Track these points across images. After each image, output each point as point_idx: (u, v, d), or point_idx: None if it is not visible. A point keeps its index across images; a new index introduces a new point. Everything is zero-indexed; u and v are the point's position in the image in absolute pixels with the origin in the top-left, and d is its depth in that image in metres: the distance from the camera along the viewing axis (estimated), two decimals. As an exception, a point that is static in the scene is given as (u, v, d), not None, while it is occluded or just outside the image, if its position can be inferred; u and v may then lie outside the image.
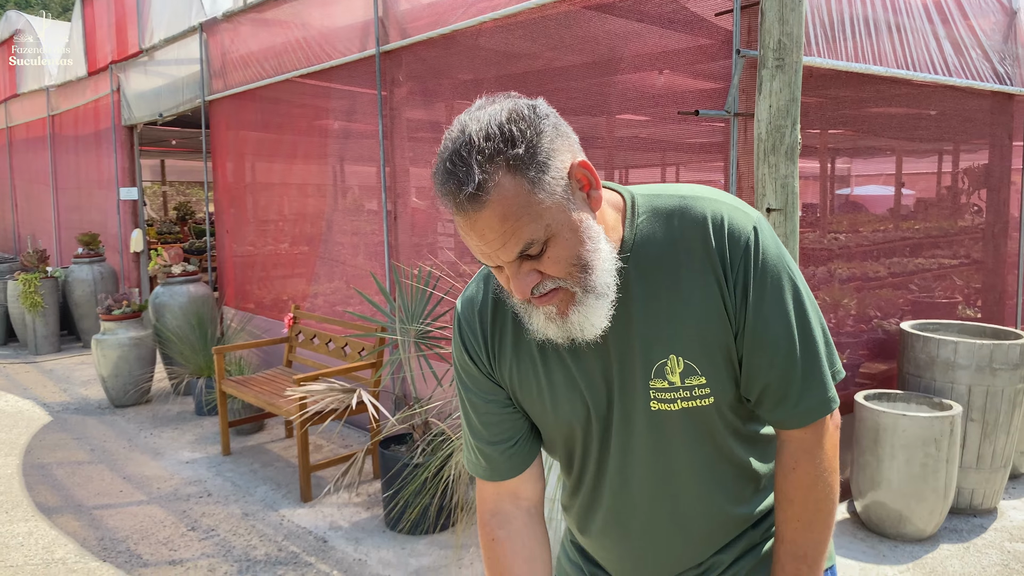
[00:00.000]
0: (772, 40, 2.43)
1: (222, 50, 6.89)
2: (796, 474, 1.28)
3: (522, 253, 1.13)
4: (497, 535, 1.41)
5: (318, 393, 4.17)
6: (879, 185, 5.80)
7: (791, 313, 1.22)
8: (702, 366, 1.23)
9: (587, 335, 1.21)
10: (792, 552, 1.29)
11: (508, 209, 1.09)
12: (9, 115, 12.55)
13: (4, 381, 7.50)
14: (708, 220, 1.22)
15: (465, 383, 1.41)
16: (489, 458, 1.40)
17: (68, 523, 4.22)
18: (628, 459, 1.31)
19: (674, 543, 1.36)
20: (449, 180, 1.10)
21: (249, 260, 7.14)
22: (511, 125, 1.10)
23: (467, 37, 4.48)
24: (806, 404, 1.24)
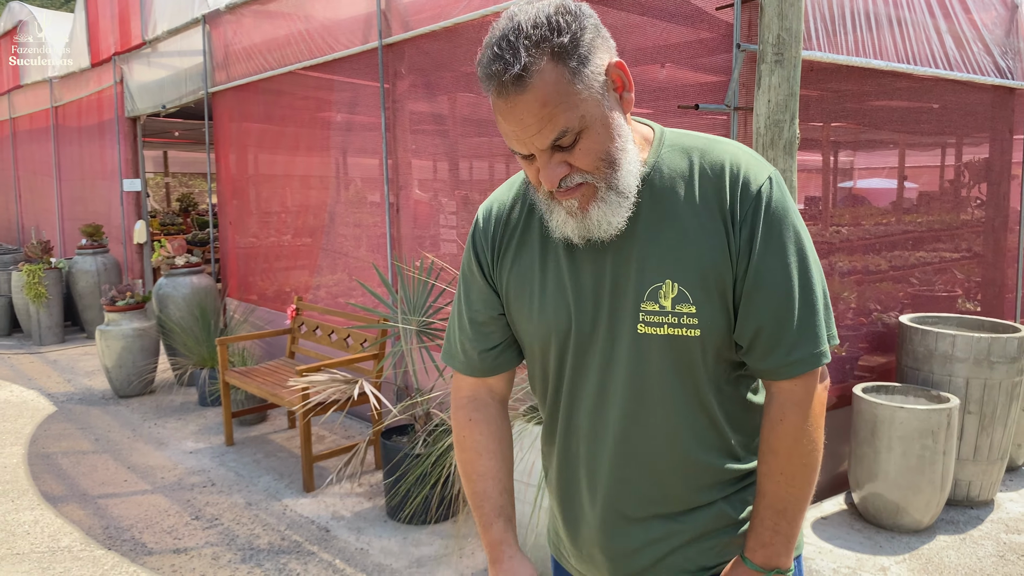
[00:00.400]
0: (771, 35, 2.45)
1: (225, 42, 6.91)
2: (783, 426, 1.28)
3: (556, 141, 1.18)
4: (474, 416, 1.49)
5: (320, 384, 4.21)
6: (880, 178, 5.81)
7: (794, 263, 1.25)
8: (695, 295, 1.25)
9: (604, 233, 1.26)
10: (772, 505, 1.29)
11: (548, 95, 1.15)
12: (12, 106, 12.57)
13: (9, 371, 7.55)
14: (727, 162, 1.28)
15: (467, 277, 1.47)
16: (470, 355, 1.48)
17: (73, 512, 4.27)
18: (607, 380, 1.33)
19: (640, 480, 1.35)
20: (495, 62, 1.15)
21: (252, 251, 7.17)
22: (558, 17, 1.16)
23: (470, 30, 4.50)
24: (798, 354, 1.26)
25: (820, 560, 3.42)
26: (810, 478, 1.30)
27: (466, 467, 1.49)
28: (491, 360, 1.47)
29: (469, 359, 1.48)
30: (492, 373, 1.49)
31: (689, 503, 1.36)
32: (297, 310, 5.74)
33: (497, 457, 1.47)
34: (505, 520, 1.44)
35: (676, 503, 1.36)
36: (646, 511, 1.37)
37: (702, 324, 1.26)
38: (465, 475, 1.49)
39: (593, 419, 1.36)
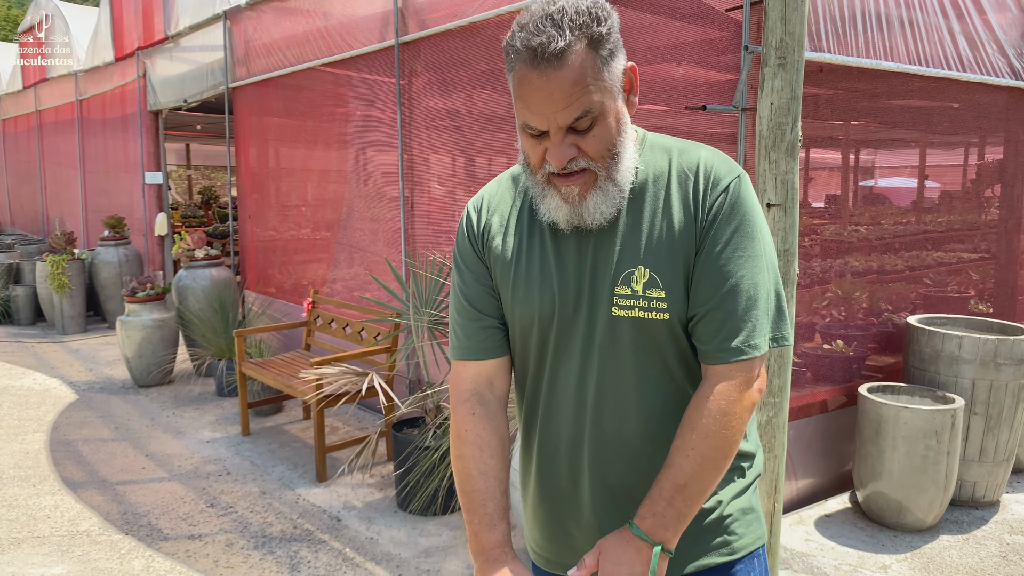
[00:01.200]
0: (775, 39, 2.49)
1: (245, 38, 7.01)
2: (708, 404, 1.32)
3: (577, 119, 1.25)
4: (477, 411, 1.49)
5: (332, 375, 4.29)
6: (894, 178, 5.81)
7: (748, 258, 1.33)
8: (665, 280, 1.34)
9: (595, 221, 1.34)
10: (675, 478, 1.30)
11: (581, 75, 1.23)
12: (39, 99, 12.76)
13: (32, 360, 7.71)
14: (700, 160, 1.38)
15: (460, 265, 1.53)
16: (471, 335, 1.50)
17: (92, 497, 4.38)
18: (587, 362, 1.40)
19: (618, 460, 1.41)
20: (537, 36, 1.22)
21: (270, 245, 7.27)
22: (596, 9, 1.25)
23: (485, 28, 4.55)
24: (734, 342, 1.32)
25: (822, 557, 3.46)
26: (719, 464, 1.32)
27: (466, 463, 1.48)
28: (492, 338, 1.50)
29: (470, 340, 1.51)
30: (493, 354, 1.51)
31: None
32: (313, 303, 5.83)
33: (498, 456, 1.48)
34: (507, 523, 1.45)
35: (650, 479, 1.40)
36: (626, 491, 1.42)
37: (671, 308, 1.34)
38: (464, 471, 1.48)
39: (574, 399, 1.42)
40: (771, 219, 2.57)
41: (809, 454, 4.02)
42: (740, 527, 1.46)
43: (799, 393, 3.98)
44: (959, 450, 3.70)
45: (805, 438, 3.98)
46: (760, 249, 1.34)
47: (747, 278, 1.32)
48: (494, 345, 1.51)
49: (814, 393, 4.05)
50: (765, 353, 1.35)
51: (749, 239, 1.33)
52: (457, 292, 1.54)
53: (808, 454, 4.01)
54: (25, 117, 13.76)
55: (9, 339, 8.74)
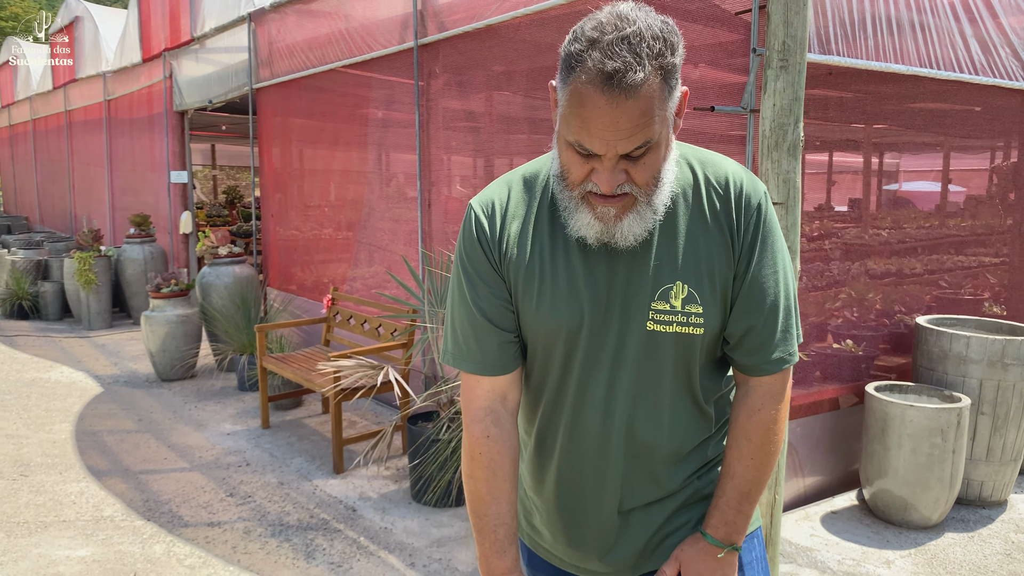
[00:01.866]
0: (777, 42, 2.55)
1: (269, 39, 7.15)
2: (760, 415, 1.42)
3: (637, 149, 1.22)
4: (491, 432, 1.46)
5: (349, 368, 4.39)
6: (918, 182, 5.83)
7: (781, 273, 1.40)
8: (703, 297, 1.36)
9: (626, 242, 1.33)
10: (740, 487, 1.42)
11: (649, 106, 1.19)
12: (68, 99, 13.02)
13: (60, 354, 7.89)
14: (730, 176, 1.40)
15: (472, 275, 1.45)
16: (486, 349, 1.45)
17: (116, 485, 4.51)
18: (616, 376, 1.40)
19: (644, 470, 1.45)
20: (613, 60, 1.16)
21: (292, 244, 7.40)
22: (671, 36, 1.21)
23: (502, 30, 4.64)
24: (779, 353, 1.41)
25: (826, 551, 3.51)
26: (773, 465, 1.44)
27: (479, 485, 1.47)
28: (508, 353, 1.46)
29: (486, 355, 1.46)
30: (507, 369, 1.47)
31: (675, 486, 1.48)
32: (333, 300, 5.94)
33: (511, 479, 1.47)
34: (517, 548, 1.46)
35: (667, 487, 1.48)
36: (648, 498, 1.48)
37: (706, 323, 1.37)
38: (476, 493, 1.47)
39: (603, 412, 1.42)
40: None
41: (817, 452, 4.07)
42: None
43: (808, 391, 4.03)
44: (965, 449, 3.74)
45: (813, 436, 4.03)
46: (787, 261, 1.42)
47: (782, 292, 1.40)
48: (510, 360, 1.47)
49: (822, 391, 4.10)
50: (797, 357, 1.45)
51: (779, 253, 1.40)
52: (469, 304, 1.46)
53: (816, 452, 4.06)
54: (55, 117, 14.04)
55: (37, 333, 8.95)
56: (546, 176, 1.45)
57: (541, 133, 4.74)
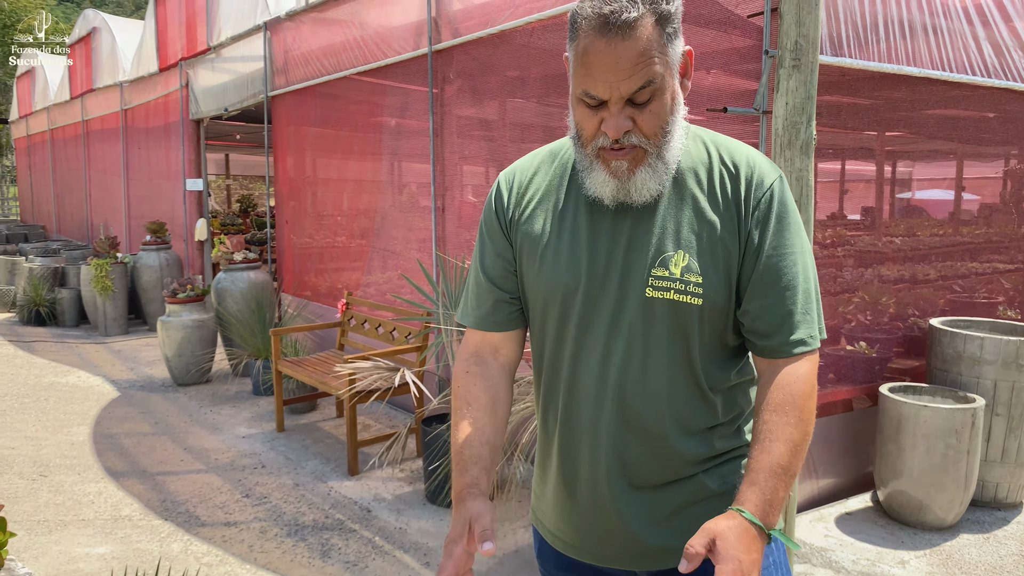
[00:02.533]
0: (789, 41, 2.58)
1: (284, 48, 7.23)
2: (791, 389, 1.35)
3: (640, 89, 1.28)
4: (472, 370, 1.55)
5: (365, 370, 4.42)
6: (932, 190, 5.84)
7: (799, 255, 1.39)
8: (703, 267, 1.37)
9: (641, 197, 1.37)
10: (775, 462, 1.31)
11: (648, 45, 1.27)
12: (85, 109, 13.17)
13: (77, 359, 7.97)
14: (744, 156, 1.42)
15: (484, 236, 1.57)
16: (482, 304, 1.56)
17: (133, 486, 4.56)
18: (612, 340, 1.42)
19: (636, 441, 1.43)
20: (609, 4, 1.26)
21: (306, 251, 7.46)
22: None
23: (515, 36, 4.69)
24: (800, 334, 1.38)
25: (841, 552, 3.51)
26: (806, 446, 1.36)
27: (454, 416, 1.53)
28: (502, 312, 1.54)
29: (481, 311, 1.56)
30: (501, 327, 1.55)
31: (675, 474, 1.45)
32: (347, 304, 5.99)
33: (485, 410, 1.51)
34: (480, 469, 1.45)
35: (665, 471, 1.45)
36: (645, 480, 1.45)
37: (705, 294, 1.37)
38: (453, 425, 1.53)
39: (597, 377, 1.44)
40: (786, 215, 2.66)
41: (831, 453, 4.07)
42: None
43: (821, 392, 4.03)
44: (980, 450, 3.73)
45: (827, 437, 4.03)
46: (805, 245, 1.41)
47: (801, 274, 1.38)
48: (504, 319, 1.55)
49: (836, 392, 4.11)
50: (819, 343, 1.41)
51: (797, 236, 1.39)
52: (476, 261, 1.58)
53: (830, 453, 4.06)
54: (72, 126, 14.19)
55: (55, 339, 9.04)
56: (568, 150, 1.52)
57: (556, 138, 4.78)
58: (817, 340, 1.40)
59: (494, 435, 1.50)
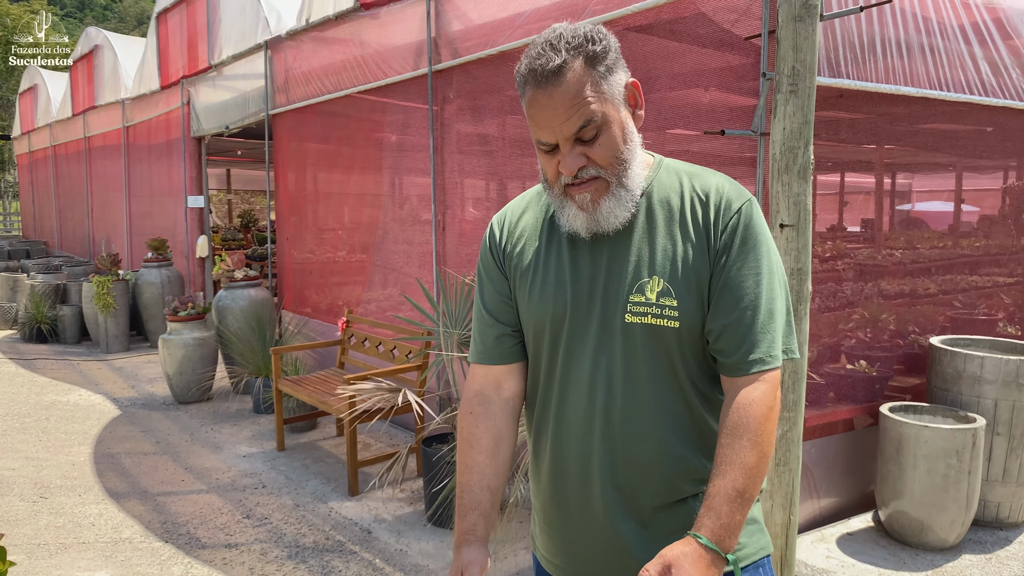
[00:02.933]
0: (786, 67, 2.59)
1: (285, 66, 7.26)
2: (746, 412, 1.37)
3: (580, 129, 1.38)
4: (475, 410, 1.61)
5: (366, 392, 4.42)
6: (931, 202, 5.85)
7: (764, 276, 1.43)
8: (678, 291, 1.43)
9: (610, 225, 1.45)
10: (732, 486, 1.32)
11: (579, 88, 1.36)
12: (87, 126, 13.22)
13: (78, 377, 7.97)
14: (713, 184, 1.49)
15: (482, 274, 1.66)
16: (486, 340, 1.63)
17: (134, 507, 4.55)
18: (597, 366, 1.48)
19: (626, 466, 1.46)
20: (539, 58, 1.37)
21: (307, 267, 7.47)
22: (593, 33, 1.40)
23: (514, 56, 4.71)
24: (758, 353, 1.40)
25: (842, 573, 3.50)
26: (763, 470, 1.37)
27: (459, 457, 1.60)
28: (505, 345, 1.61)
29: (485, 345, 1.63)
30: (504, 360, 1.61)
31: (667, 496, 1.47)
32: (347, 322, 5.99)
33: (486, 452, 1.57)
34: (478, 515, 1.51)
35: (656, 495, 1.47)
36: (635, 500, 1.48)
37: (682, 317, 1.42)
38: (457, 465, 1.60)
39: (585, 403, 1.49)
40: (784, 239, 2.67)
41: (832, 472, 4.06)
42: (743, 537, 1.49)
43: (822, 412, 4.03)
44: (981, 470, 3.73)
45: (828, 457, 4.03)
46: (773, 267, 1.44)
47: (764, 294, 1.42)
48: (506, 351, 1.61)
49: (836, 412, 4.10)
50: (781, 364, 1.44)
51: (763, 258, 1.43)
52: (478, 299, 1.66)
53: (831, 472, 4.05)
54: (75, 143, 14.25)
55: (56, 357, 9.04)
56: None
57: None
58: (777, 359, 1.42)
59: (495, 477, 1.56)
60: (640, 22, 4.00)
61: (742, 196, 1.47)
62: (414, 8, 5.42)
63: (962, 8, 4.28)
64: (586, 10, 4.20)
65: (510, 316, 1.61)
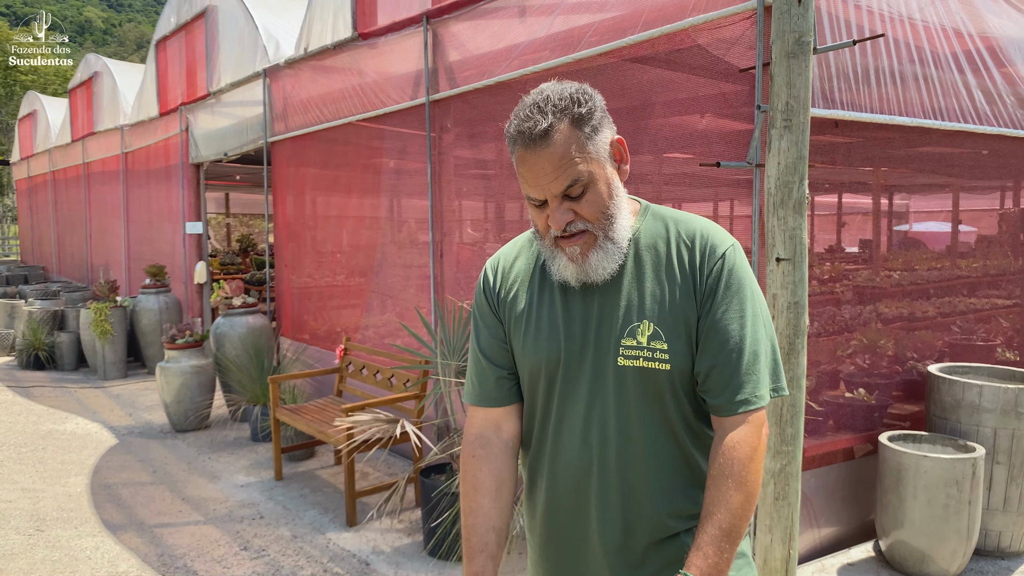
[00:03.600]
0: (780, 102, 2.61)
1: (284, 94, 7.30)
2: (734, 453, 1.43)
3: (568, 188, 1.43)
4: (477, 453, 1.65)
5: (365, 423, 4.41)
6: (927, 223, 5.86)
7: (748, 319, 1.48)
8: (667, 334, 1.48)
9: (598, 277, 1.50)
10: (719, 526, 1.40)
11: (566, 149, 1.42)
12: (86, 151, 13.26)
13: (75, 405, 7.94)
14: (698, 230, 1.54)
15: (477, 319, 1.70)
16: (484, 383, 1.67)
17: (131, 539, 4.52)
18: (592, 409, 1.53)
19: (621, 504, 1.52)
20: (527, 121, 1.43)
21: (305, 292, 7.47)
22: (579, 94, 1.46)
23: (512, 86, 4.74)
24: (743, 394, 1.46)
25: (844, 606, 3.47)
26: (751, 508, 1.44)
27: (463, 500, 1.65)
28: (503, 387, 1.65)
29: (483, 388, 1.67)
30: (502, 402, 1.66)
31: (660, 531, 1.53)
32: (345, 350, 5.98)
33: (491, 495, 1.61)
34: (486, 557, 1.57)
35: (650, 531, 1.53)
36: (628, 536, 1.53)
37: (672, 360, 1.48)
38: (462, 508, 1.65)
39: (580, 445, 1.54)
40: (780, 273, 2.67)
41: (832, 502, 4.04)
42: (732, 572, 1.54)
43: (820, 441, 4.02)
44: (982, 499, 3.71)
45: (828, 486, 4.01)
46: (757, 309, 1.49)
47: (748, 337, 1.47)
48: (504, 394, 1.66)
49: (836, 441, 4.09)
50: (768, 403, 1.49)
51: (747, 301, 1.49)
52: (474, 343, 1.70)
53: (831, 502, 4.04)
54: (73, 168, 14.28)
55: (53, 384, 9.01)
56: None
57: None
58: (763, 399, 1.47)
59: (499, 519, 1.61)
60: (636, 53, 4.03)
61: (725, 241, 1.52)
62: (412, 39, 5.46)
63: (955, 37, 4.31)
64: (582, 42, 4.23)
65: (506, 359, 1.66)
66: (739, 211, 4.56)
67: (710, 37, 3.75)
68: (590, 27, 4.21)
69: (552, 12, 4.44)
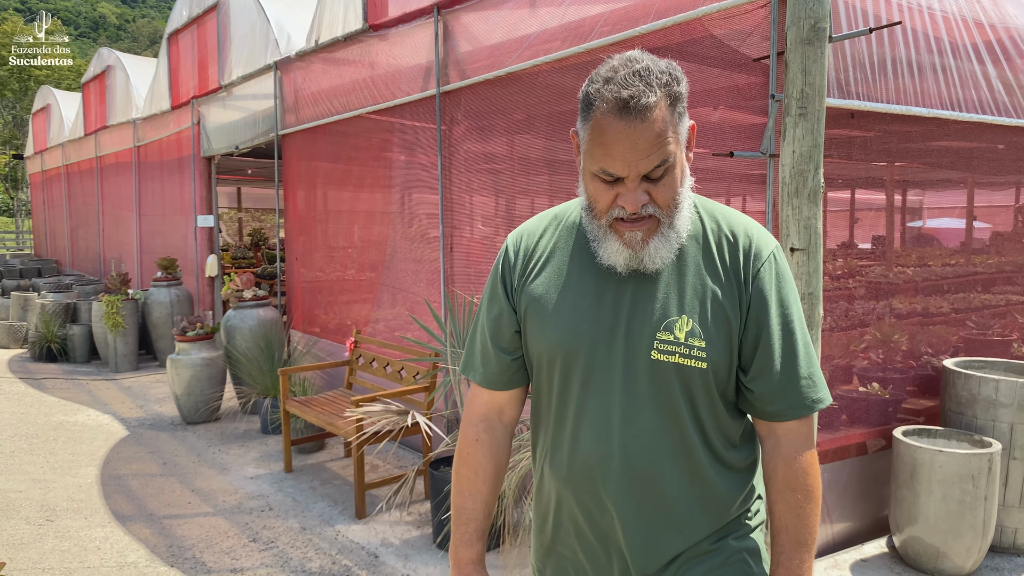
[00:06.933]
0: (795, 90, 2.57)
1: (295, 87, 7.28)
2: (798, 462, 1.45)
3: (656, 167, 1.35)
4: (481, 437, 1.62)
5: (375, 414, 4.39)
6: (943, 219, 5.80)
7: (797, 323, 1.46)
8: (706, 333, 1.42)
9: (654, 264, 1.43)
10: (797, 539, 1.44)
11: (663, 127, 1.34)
12: (99, 145, 13.30)
13: (86, 397, 7.97)
14: (743, 226, 1.50)
15: (490, 298, 1.63)
16: (490, 366, 1.62)
17: (140, 530, 4.52)
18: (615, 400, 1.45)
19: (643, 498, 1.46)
20: (627, 88, 1.32)
21: (316, 286, 7.47)
22: (675, 71, 1.38)
23: (523, 77, 4.70)
24: (803, 398, 1.45)
25: (857, 602, 3.43)
26: (819, 510, 1.47)
27: (462, 482, 1.62)
28: (509, 372, 1.60)
29: (487, 371, 1.62)
30: (508, 386, 1.62)
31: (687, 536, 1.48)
32: (356, 343, 5.97)
33: (491, 481, 1.61)
34: (483, 543, 1.61)
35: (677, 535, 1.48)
36: (652, 539, 1.47)
37: (709, 359, 1.42)
38: (458, 488, 1.62)
39: (602, 438, 1.46)
40: (795, 263, 2.63)
41: (845, 497, 4.00)
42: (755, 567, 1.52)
43: (834, 435, 3.98)
44: (998, 495, 3.66)
45: (841, 481, 3.97)
46: (800, 311, 1.48)
47: (800, 340, 1.45)
48: (510, 379, 1.62)
49: (849, 436, 4.05)
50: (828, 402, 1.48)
51: (794, 304, 1.46)
52: (483, 321, 1.64)
53: (844, 497, 3.99)
54: (86, 162, 14.34)
55: (65, 376, 9.05)
56: (573, 213, 1.58)
57: (561, 175, 4.78)
58: (823, 400, 1.45)
59: (494, 503, 1.63)
60: (649, 44, 3.98)
61: (770, 243, 1.49)
62: (422, 30, 5.43)
63: (975, 27, 4.25)
64: (593, 31, 4.19)
65: (515, 343, 1.61)
66: (751, 206, 4.52)
67: (724, 27, 3.70)
68: (601, 16, 4.17)
69: (563, 1, 4.40)
